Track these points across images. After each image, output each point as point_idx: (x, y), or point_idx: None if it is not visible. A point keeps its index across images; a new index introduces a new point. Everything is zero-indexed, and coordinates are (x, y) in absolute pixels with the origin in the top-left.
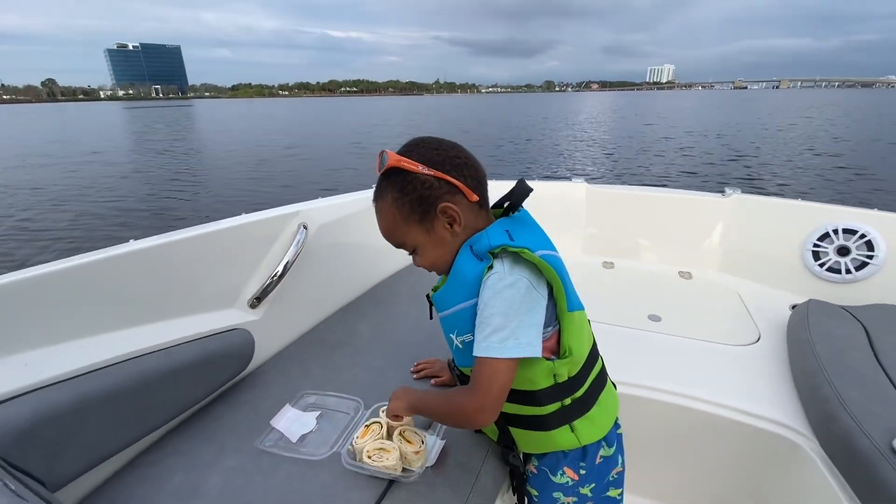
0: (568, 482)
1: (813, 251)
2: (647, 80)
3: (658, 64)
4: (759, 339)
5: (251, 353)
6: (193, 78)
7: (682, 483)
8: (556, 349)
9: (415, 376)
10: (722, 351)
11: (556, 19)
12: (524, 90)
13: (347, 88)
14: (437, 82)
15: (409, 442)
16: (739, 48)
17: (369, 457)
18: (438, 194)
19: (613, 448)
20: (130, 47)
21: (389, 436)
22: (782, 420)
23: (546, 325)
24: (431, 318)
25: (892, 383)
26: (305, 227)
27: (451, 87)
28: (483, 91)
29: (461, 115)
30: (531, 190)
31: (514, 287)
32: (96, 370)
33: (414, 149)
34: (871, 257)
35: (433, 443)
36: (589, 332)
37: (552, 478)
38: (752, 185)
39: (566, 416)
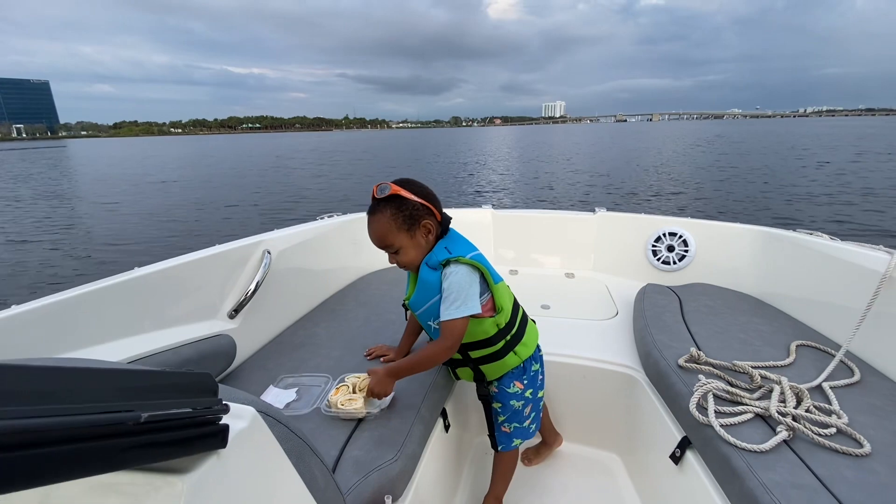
0: (518, 391)
1: (652, 250)
2: (543, 115)
3: (551, 100)
4: (616, 315)
5: (234, 354)
6: (67, 115)
7: (569, 417)
8: (493, 308)
9: (368, 358)
10: (592, 326)
11: (457, 60)
12: (433, 125)
13: (250, 125)
14: (346, 118)
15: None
16: (615, 86)
17: (342, 405)
18: (422, 214)
19: (538, 364)
20: None
21: (354, 392)
22: (626, 363)
23: (482, 294)
24: (407, 319)
25: (688, 329)
26: (269, 253)
27: (361, 123)
28: (394, 126)
29: (375, 148)
30: (451, 218)
31: (457, 275)
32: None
33: (406, 185)
34: (687, 250)
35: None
36: (510, 293)
37: (507, 390)
38: (616, 200)
39: (510, 346)
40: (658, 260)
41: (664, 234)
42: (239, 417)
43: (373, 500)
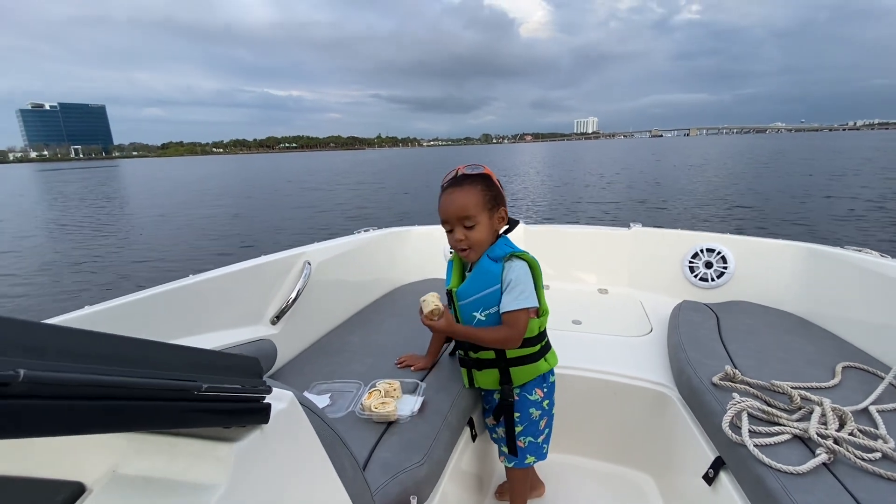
0: (538, 399)
1: (689, 266)
2: (575, 131)
3: (583, 117)
4: (650, 332)
5: (275, 357)
6: (121, 137)
7: (599, 434)
8: (537, 312)
9: (399, 367)
10: (625, 342)
11: (488, 78)
12: (464, 143)
13: (287, 144)
14: (378, 137)
15: (398, 397)
16: (650, 102)
17: (375, 408)
18: (502, 203)
19: (554, 376)
20: (47, 107)
21: (385, 397)
22: (659, 380)
23: None
24: (452, 308)
25: (724, 348)
26: (309, 264)
27: (393, 142)
28: (425, 144)
29: (407, 164)
30: (517, 222)
31: (521, 270)
32: None
33: (490, 172)
34: (725, 267)
35: (416, 400)
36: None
37: (529, 397)
38: (653, 215)
39: (543, 351)
40: (695, 276)
41: (702, 251)
42: (279, 400)
43: (398, 501)
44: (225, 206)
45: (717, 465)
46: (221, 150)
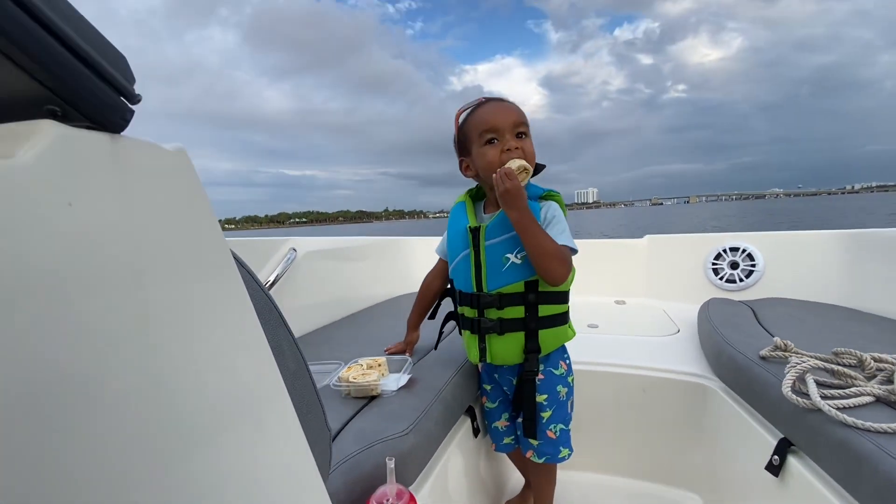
0: (563, 373)
1: (712, 268)
2: (576, 201)
3: (583, 188)
4: (678, 331)
5: None
6: None
7: (629, 445)
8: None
9: (387, 352)
10: (650, 341)
11: None
12: None
13: (297, 219)
14: (386, 210)
15: (384, 374)
16: (647, 172)
17: (354, 378)
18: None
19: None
20: None
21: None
22: (695, 371)
23: None
24: (471, 250)
25: (766, 330)
26: (295, 251)
27: (399, 214)
28: (430, 216)
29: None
30: (544, 166)
31: (561, 212)
32: None
33: None
34: (754, 266)
35: (403, 377)
36: None
37: (555, 372)
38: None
39: (568, 316)
40: (721, 279)
41: (725, 251)
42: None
43: (373, 474)
44: None
45: (783, 448)
46: (233, 226)
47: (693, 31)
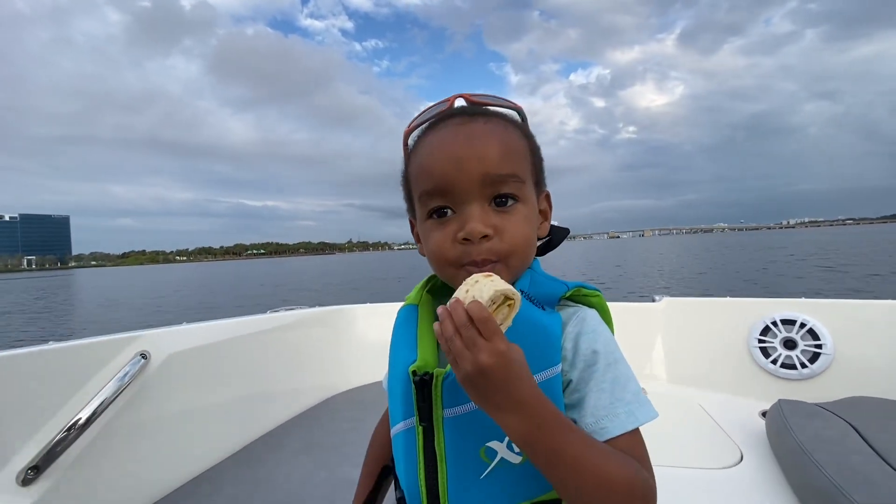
0: None
1: (759, 347)
2: None
3: None
4: (742, 459)
5: None
6: (86, 247)
7: None
8: None
9: None
10: (705, 476)
11: None
12: None
13: (255, 251)
14: (349, 242)
15: None
16: (603, 207)
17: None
18: (544, 181)
19: None
20: (7, 218)
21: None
22: None
23: None
24: (422, 421)
25: (890, 465)
26: (145, 357)
27: (363, 246)
28: (395, 248)
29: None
30: (567, 231)
31: (609, 334)
32: None
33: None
34: (819, 347)
35: None
36: None
37: None
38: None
39: None
40: (775, 363)
41: (773, 324)
42: None
43: None
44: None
45: None
46: (185, 258)
47: (641, 79)
